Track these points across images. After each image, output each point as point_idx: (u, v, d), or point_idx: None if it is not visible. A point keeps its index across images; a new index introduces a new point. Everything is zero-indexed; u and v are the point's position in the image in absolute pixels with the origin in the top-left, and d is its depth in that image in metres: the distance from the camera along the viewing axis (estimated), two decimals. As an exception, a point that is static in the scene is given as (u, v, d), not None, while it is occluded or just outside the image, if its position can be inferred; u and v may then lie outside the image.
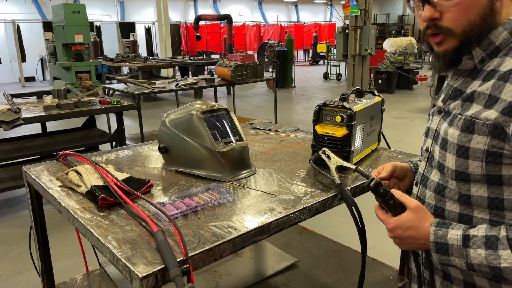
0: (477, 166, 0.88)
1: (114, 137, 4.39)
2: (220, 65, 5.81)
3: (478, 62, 0.93)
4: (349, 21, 9.51)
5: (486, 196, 0.89)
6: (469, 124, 0.89)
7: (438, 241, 0.89)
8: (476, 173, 0.89)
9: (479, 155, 0.87)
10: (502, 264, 0.80)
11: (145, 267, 0.92)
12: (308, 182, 1.44)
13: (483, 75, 0.91)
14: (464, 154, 0.90)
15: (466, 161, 0.90)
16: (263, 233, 1.13)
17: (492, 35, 0.91)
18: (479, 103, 0.89)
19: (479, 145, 0.87)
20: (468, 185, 0.91)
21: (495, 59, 0.91)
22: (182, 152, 1.53)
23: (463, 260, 0.86)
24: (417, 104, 9.28)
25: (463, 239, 0.86)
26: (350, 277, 1.92)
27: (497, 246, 0.82)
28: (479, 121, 0.87)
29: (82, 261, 2.02)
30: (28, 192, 1.61)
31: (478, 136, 0.87)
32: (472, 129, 0.88)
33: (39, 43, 14.48)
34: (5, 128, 3.22)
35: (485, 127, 0.86)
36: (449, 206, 0.96)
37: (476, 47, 0.92)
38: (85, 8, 8.18)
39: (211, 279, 1.97)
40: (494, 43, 0.91)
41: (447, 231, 0.89)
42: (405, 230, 0.95)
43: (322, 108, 1.55)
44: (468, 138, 0.89)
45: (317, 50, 18.92)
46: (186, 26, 18.90)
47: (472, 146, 0.88)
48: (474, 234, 0.86)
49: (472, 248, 0.84)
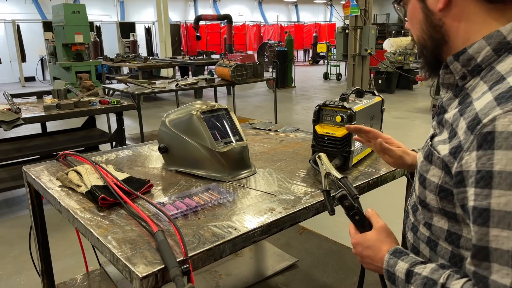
0: (432, 199, 0.83)
1: (114, 137, 4.39)
2: (220, 65, 5.81)
3: (458, 78, 0.83)
4: (349, 21, 9.51)
5: (445, 228, 0.84)
6: (429, 154, 0.83)
7: (388, 269, 0.87)
8: (432, 205, 0.84)
9: (433, 189, 0.82)
10: None
11: (145, 267, 0.92)
12: (308, 182, 1.44)
13: (462, 96, 0.82)
14: (423, 183, 0.85)
15: (424, 191, 0.85)
16: (263, 233, 1.13)
17: (472, 50, 0.79)
18: (447, 130, 0.81)
19: (434, 178, 0.81)
20: (430, 213, 0.87)
21: (476, 78, 0.79)
22: (182, 152, 1.53)
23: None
24: (417, 104, 9.28)
25: (406, 274, 0.83)
26: (350, 277, 1.92)
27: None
28: (435, 153, 0.81)
29: (82, 261, 2.02)
30: (28, 192, 1.61)
31: (434, 168, 0.81)
32: (430, 159, 0.82)
33: (39, 43, 14.48)
34: (5, 128, 3.22)
35: (439, 161, 0.79)
36: (421, 228, 0.92)
37: (454, 61, 0.82)
38: (85, 8, 8.17)
39: (211, 279, 1.97)
40: (474, 59, 0.79)
41: (397, 261, 0.86)
42: (365, 248, 0.94)
43: (322, 108, 1.55)
44: (427, 168, 0.83)
45: (317, 50, 18.91)
46: (186, 26, 18.90)
47: (428, 178, 0.83)
48: (417, 271, 0.81)
49: (412, 285, 0.81)
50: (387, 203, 3.61)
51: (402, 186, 1.67)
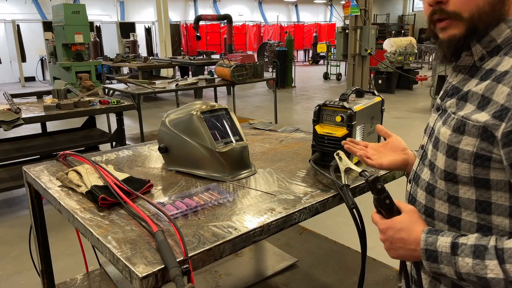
0: (465, 168, 0.86)
1: (114, 137, 4.39)
2: (220, 65, 5.81)
3: (477, 59, 0.90)
4: (349, 21, 9.51)
5: (473, 199, 0.87)
6: (460, 125, 0.87)
7: (428, 248, 0.87)
8: (463, 175, 0.87)
9: (467, 157, 0.85)
10: (488, 274, 0.78)
11: (145, 267, 0.92)
12: (308, 182, 1.44)
13: (481, 74, 0.88)
14: (453, 154, 0.87)
15: (454, 162, 0.87)
16: (263, 233, 1.13)
17: (494, 32, 0.87)
18: (473, 103, 0.86)
19: (468, 147, 0.85)
20: (456, 186, 0.89)
21: (495, 57, 0.87)
22: (182, 152, 1.53)
23: (452, 268, 0.83)
24: (417, 104, 9.28)
25: (452, 246, 0.83)
26: (350, 277, 1.92)
27: (485, 256, 0.79)
28: (469, 122, 0.84)
29: (82, 261, 2.02)
30: (28, 192, 1.61)
31: (468, 137, 0.85)
32: (462, 130, 0.86)
33: (39, 43, 14.48)
34: (5, 128, 3.22)
35: (475, 129, 0.83)
36: (438, 207, 0.94)
37: (476, 43, 0.89)
38: (85, 8, 8.17)
39: (211, 279, 1.97)
40: (495, 41, 0.87)
41: (437, 238, 0.86)
42: (397, 231, 0.92)
43: (322, 108, 1.55)
44: (458, 139, 0.86)
45: (317, 50, 18.92)
46: (186, 26, 18.90)
47: (461, 147, 0.86)
48: (463, 242, 0.83)
49: (460, 256, 0.82)
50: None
51: (402, 186, 1.66)
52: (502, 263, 0.76)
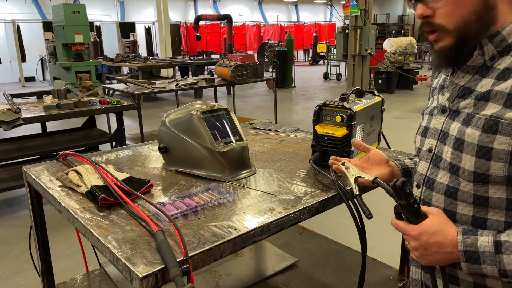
0: (500, 167, 0.86)
1: (114, 137, 4.39)
2: (220, 65, 5.81)
3: (488, 59, 0.91)
4: (349, 21, 9.51)
5: (504, 197, 0.87)
6: (492, 124, 0.86)
7: (467, 249, 0.86)
8: (497, 174, 0.86)
9: (502, 156, 0.85)
10: None
11: (145, 267, 0.92)
12: (308, 182, 1.44)
13: (496, 73, 0.89)
14: (486, 155, 0.87)
15: (487, 162, 0.87)
16: (263, 233, 1.13)
17: (505, 32, 0.88)
18: (497, 102, 0.86)
19: (503, 146, 0.85)
20: (485, 186, 0.89)
21: (506, 57, 0.88)
22: (182, 152, 1.53)
23: (495, 267, 0.83)
24: (417, 104, 9.28)
25: (495, 245, 0.83)
26: (350, 277, 1.92)
27: None
28: (503, 121, 0.84)
29: (82, 261, 2.02)
30: (28, 192, 1.61)
31: (502, 136, 0.85)
32: (495, 129, 0.85)
33: (39, 43, 14.48)
34: (5, 128, 3.22)
35: (510, 127, 0.84)
36: (461, 209, 0.94)
37: (488, 43, 0.90)
38: (85, 8, 8.17)
39: (211, 279, 1.97)
40: (506, 40, 0.88)
41: (476, 238, 0.86)
42: (431, 235, 0.89)
43: (322, 108, 1.55)
44: (491, 139, 0.86)
45: (317, 50, 18.92)
46: (186, 26, 18.90)
47: (495, 147, 0.86)
48: (506, 239, 0.83)
49: (505, 254, 0.82)
50: (387, 203, 3.60)
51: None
52: None
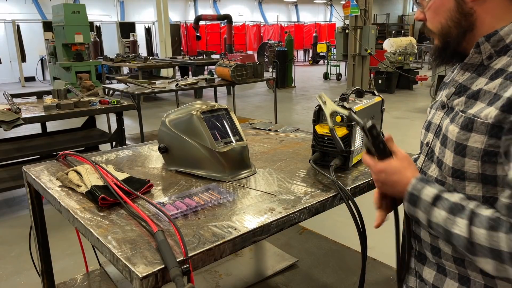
0: (473, 164, 0.89)
1: (114, 137, 4.38)
2: (220, 65, 5.80)
3: (485, 58, 0.92)
4: (349, 21, 9.51)
5: (480, 195, 0.90)
6: (468, 122, 0.89)
7: (413, 192, 0.93)
8: (471, 171, 0.89)
9: (475, 154, 0.88)
10: (454, 229, 0.84)
11: (145, 267, 0.92)
12: (308, 182, 1.44)
13: (491, 73, 0.90)
14: (461, 152, 0.90)
15: (462, 159, 0.90)
16: (263, 233, 1.13)
17: (503, 32, 0.89)
18: (484, 101, 0.88)
19: (476, 144, 0.87)
20: (463, 183, 0.92)
21: (503, 57, 0.89)
22: (182, 152, 1.53)
23: (426, 215, 0.91)
24: (417, 104, 9.28)
25: (434, 198, 0.90)
26: (350, 277, 1.92)
27: (459, 214, 0.85)
28: (478, 120, 0.87)
29: (82, 261, 2.02)
30: (28, 192, 1.61)
31: (476, 134, 0.87)
32: (471, 127, 0.88)
33: (39, 43, 14.47)
34: (5, 128, 3.22)
35: (483, 126, 0.86)
36: None
37: (485, 41, 0.91)
38: (85, 8, 8.17)
39: (211, 279, 1.97)
40: (504, 40, 0.89)
41: (424, 186, 0.93)
42: (390, 175, 0.98)
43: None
44: (467, 136, 0.89)
45: (317, 50, 18.91)
46: (186, 26, 18.90)
47: (469, 145, 0.88)
48: (446, 197, 0.89)
49: (437, 207, 0.89)
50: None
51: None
52: (471, 224, 0.82)
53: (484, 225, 0.80)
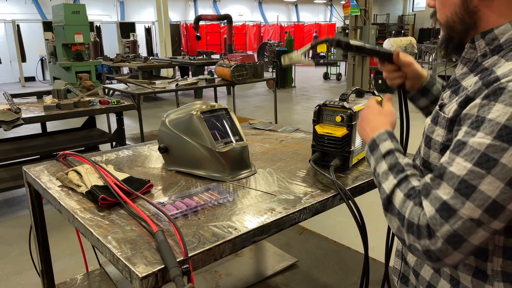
0: (435, 157, 0.93)
1: (114, 137, 4.38)
2: (220, 65, 5.80)
3: (480, 55, 0.92)
4: (349, 21, 9.51)
5: None
6: (435, 116, 0.94)
7: (376, 140, 1.00)
8: (435, 163, 0.93)
9: (437, 147, 0.92)
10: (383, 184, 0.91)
11: (145, 267, 0.92)
12: (308, 182, 1.44)
13: (478, 70, 0.90)
14: (428, 144, 0.95)
15: (429, 151, 0.95)
16: (263, 233, 1.13)
17: (497, 31, 0.88)
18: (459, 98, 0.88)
19: (438, 137, 0.91)
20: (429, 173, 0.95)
21: (495, 57, 0.88)
22: (182, 152, 1.53)
23: (375, 163, 0.97)
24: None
25: (387, 151, 0.95)
26: (350, 277, 1.92)
27: (393, 173, 0.90)
28: (441, 114, 0.91)
29: (82, 261, 2.02)
30: (28, 192, 1.61)
31: (439, 128, 0.91)
32: (436, 121, 0.93)
33: (39, 43, 14.47)
34: (5, 128, 3.22)
35: (444, 120, 0.89)
36: None
37: (480, 38, 0.91)
38: (85, 8, 8.17)
39: (211, 279, 1.97)
40: (498, 40, 0.88)
41: (387, 139, 0.98)
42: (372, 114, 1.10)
43: (322, 108, 1.55)
44: (433, 129, 0.94)
45: (317, 50, 18.90)
46: (186, 26, 18.90)
47: (433, 137, 0.93)
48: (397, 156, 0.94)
49: (385, 161, 0.94)
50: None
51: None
52: (396, 186, 0.88)
53: (404, 191, 0.85)
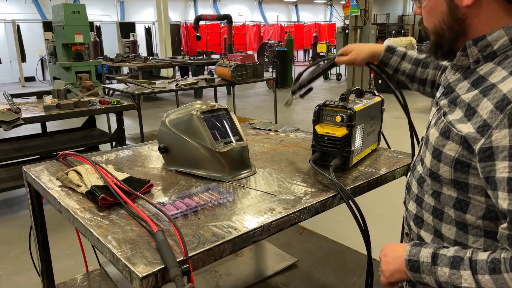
0: (446, 170, 0.91)
1: (114, 137, 4.38)
2: (220, 65, 5.80)
3: (472, 62, 0.91)
4: (349, 21, 9.51)
5: (455, 196, 0.92)
6: (446, 130, 0.90)
7: (411, 258, 0.93)
8: (445, 176, 0.92)
9: (448, 161, 0.90)
10: (462, 284, 0.83)
11: (145, 267, 0.92)
12: (308, 182, 1.44)
13: (473, 78, 0.90)
14: (438, 157, 0.92)
15: (438, 164, 0.93)
16: (263, 233, 1.13)
17: (490, 38, 0.87)
18: (461, 109, 0.89)
19: (451, 152, 0.89)
20: (439, 184, 0.94)
21: (489, 63, 0.88)
22: (182, 152, 1.53)
23: (432, 277, 0.89)
24: (417, 104, 9.28)
25: (432, 256, 0.89)
26: (350, 277, 1.92)
27: (460, 266, 0.84)
28: (454, 130, 0.88)
29: (82, 261, 2.02)
30: (28, 192, 1.61)
31: (452, 143, 0.89)
32: (448, 135, 0.90)
33: (39, 43, 14.47)
34: (5, 128, 3.22)
35: (457, 137, 0.87)
36: (427, 198, 1.00)
37: (472, 45, 0.90)
38: (85, 8, 8.16)
39: (211, 279, 1.97)
40: (491, 46, 0.87)
41: (420, 249, 0.92)
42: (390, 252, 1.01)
43: (322, 108, 1.55)
44: (443, 143, 0.91)
45: (317, 50, 18.91)
46: (186, 26, 18.90)
47: (444, 151, 0.90)
48: (443, 253, 0.89)
49: (439, 266, 0.88)
50: (387, 203, 3.61)
51: (402, 186, 1.67)
52: (474, 273, 0.82)
53: (486, 270, 0.81)
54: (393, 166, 1.61)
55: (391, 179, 1.58)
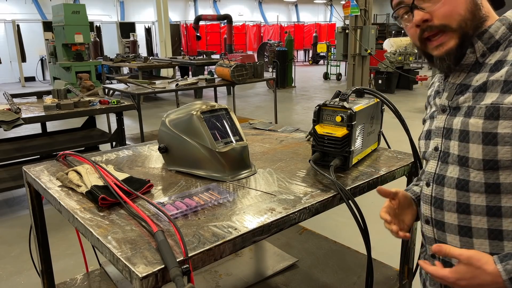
0: (507, 151, 0.89)
1: (114, 137, 4.38)
2: (220, 65, 5.80)
3: (479, 55, 0.97)
4: (349, 21, 9.50)
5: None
6: (493, 111, 0.90)
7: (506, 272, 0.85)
8: (506, 158, 0.89)
9: (508, 140, 0.88)
10: None
11: (145, 267, 0.92)
12: (308, 182, 1.44)
13: (488, 67, 0.95)
14: (492, 140, 0.90)
15: (494, 148, 0.90)
16: (263, 233, 1.13)
17: (492, 30, 0.96)
18: (494, 91, 0.91)
19: (507, 129, 0.88)
20: (496, 173, 0.92)
21: (496, 52, 0.95)
22: (182, 152, 1.53)
23: None
24: (417, 104, 9.28)
25: None
26: (350, 277, 1.92)
27: None
28: (503, 106, 0.89)
29: (82, 261, 2.02)
30: (28, 192, 1.61)
31: (504, 121, 0.88)
32: (497, 115, 0.89)
33: (39, 43, 14.48)
34: (5, 128, 3.22)
35: (510, 111, 0.88)
36: (474, 201, 0.95)
37: (478, 41, 0.96)
38: (85, 8, 8.17)
39: (211, 279, 1.97)
40: (494, 37, 0.96)
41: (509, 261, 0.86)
42: (470, 279, 0.89)
43: (322, 108, 1.55)
44: (494, 125, 0.90)
45: (317, 50, 18.91)
46: (186, 26, 18.90)
47: (499, 131, 0.89)
48: None
49: None
50: (387, 203, 3.59)
51: (402, 186, 1.67)
52: None
53: None
54: (393, 166, 1.61)
55: (391, 179, 1.58)
